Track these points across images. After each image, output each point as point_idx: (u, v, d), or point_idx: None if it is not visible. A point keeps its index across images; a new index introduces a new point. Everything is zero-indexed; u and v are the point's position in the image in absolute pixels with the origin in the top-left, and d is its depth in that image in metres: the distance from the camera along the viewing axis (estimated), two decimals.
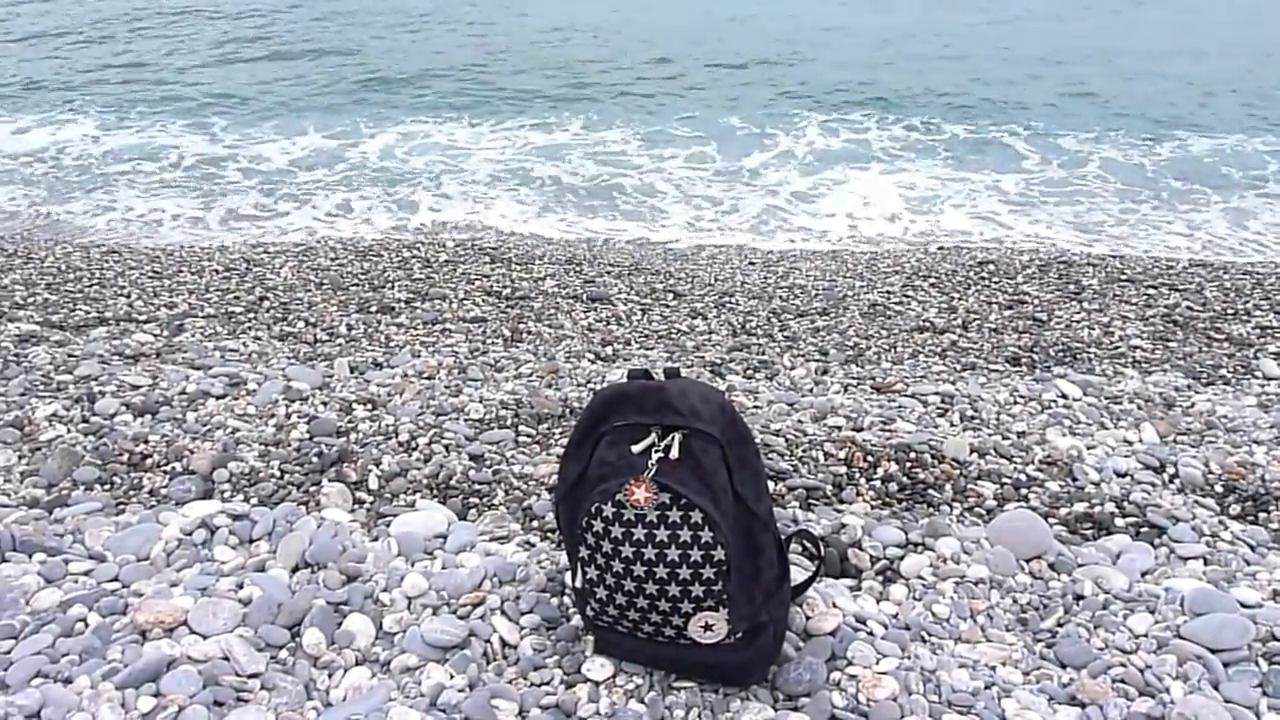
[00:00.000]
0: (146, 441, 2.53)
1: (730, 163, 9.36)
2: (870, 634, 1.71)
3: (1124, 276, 5.31)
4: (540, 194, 8.39)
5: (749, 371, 3.66)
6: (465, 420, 2.76)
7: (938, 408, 3.06)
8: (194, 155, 9.45)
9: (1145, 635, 1.73)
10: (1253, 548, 2.13)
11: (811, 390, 3.34)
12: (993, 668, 1.64)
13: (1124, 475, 2.50)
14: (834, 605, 1.79)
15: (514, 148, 9.83)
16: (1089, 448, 2.67)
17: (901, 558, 1.99)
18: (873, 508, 2.34)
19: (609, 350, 3.96)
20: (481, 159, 9.40)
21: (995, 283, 5.24)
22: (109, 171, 8.89)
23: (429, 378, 3.21)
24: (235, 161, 9.27)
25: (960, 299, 4.93)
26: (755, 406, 3.01)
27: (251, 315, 4.32)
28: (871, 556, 2.00)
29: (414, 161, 9.30)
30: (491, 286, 4.97)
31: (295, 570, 1.91)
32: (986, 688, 1.58)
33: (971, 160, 9.42)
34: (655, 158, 9.48)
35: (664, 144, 9.91)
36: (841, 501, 2.37)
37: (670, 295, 4.99)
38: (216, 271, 5.16)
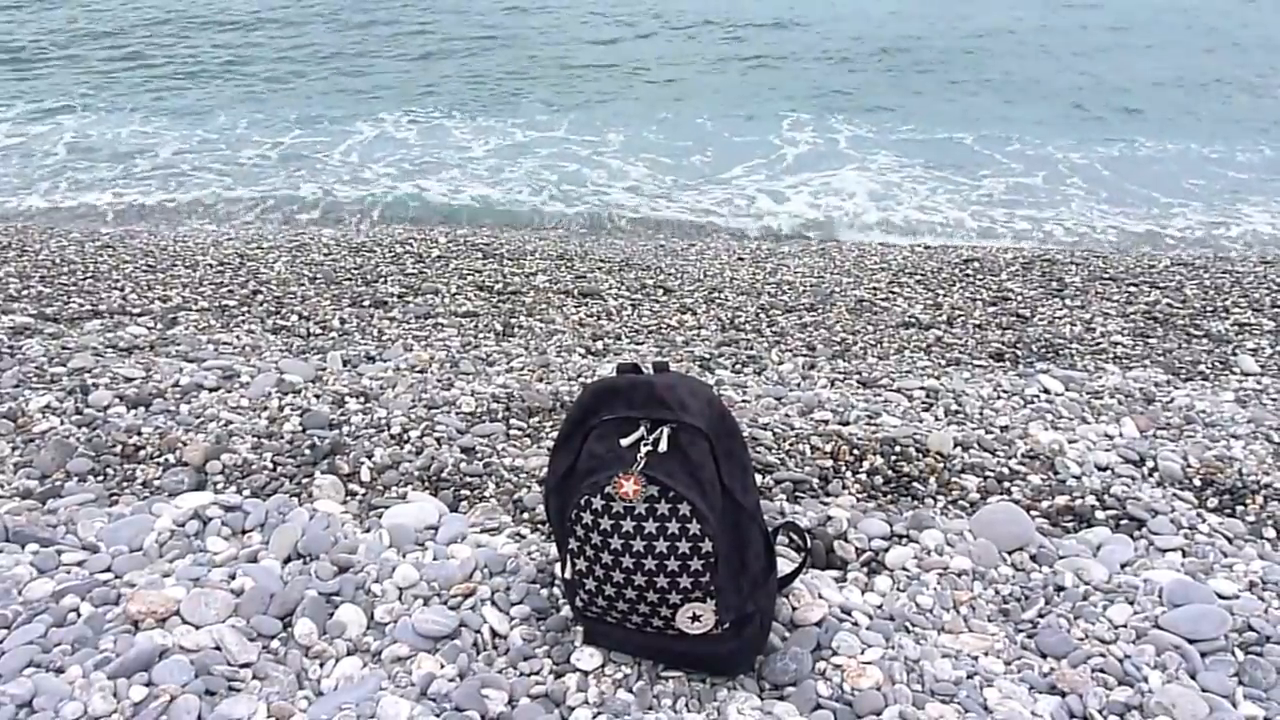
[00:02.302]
0: (140, 433, 2.54)
1: (706, 160, 9.33)
2: (855, 624, 1.74)
3: (1106, 274, 5.36)
4: (512, 193, 8.33)
5: (737, 366, 3.68)
6: (457, 413, 2.77)
7: (923, 402, 3.09)
8: (167, 148, 9.39)
9: (1124, 626, 1.76)
10: (1229, 540, 2.17)
11: (799, 385, 3.36)
12: (975, 658, 1.67)
13: (1104, 469, 2.54)
14: (820, 596, 1.82)
15: (491, 145, 9.78)
16: (1070, 442, 2.71)
17: (886, 550, 2.02)
18: (858, 500, 2.37)
19: (599, 345, 3.98)
20: (459, 157, 9.35)
21: (980, 280, 5.28)
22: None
23: (421, 371, 3.23)
24: (209, 155, 9.22)
25: (945, 296, 4.97)
26: (743, 401, 3.04)
27: (245, 309, 4.33)
28: (857, 548, 2.03)
29: (393, 158, 9.25)
30: (484, 281, 4.98)
31: (287, 561, 1.93)
32: (969, 677, 1.61)
33: (933, 160, 9.43)
34: (628, 155, 9.43)
35: (641, 140, 9.87)
36: (827, 494, 2.40)
37: (660, 290, 5.01)
38: (210, 265, 5.16)
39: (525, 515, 2.24)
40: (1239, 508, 2.39)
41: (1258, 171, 9.14)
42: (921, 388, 3.22)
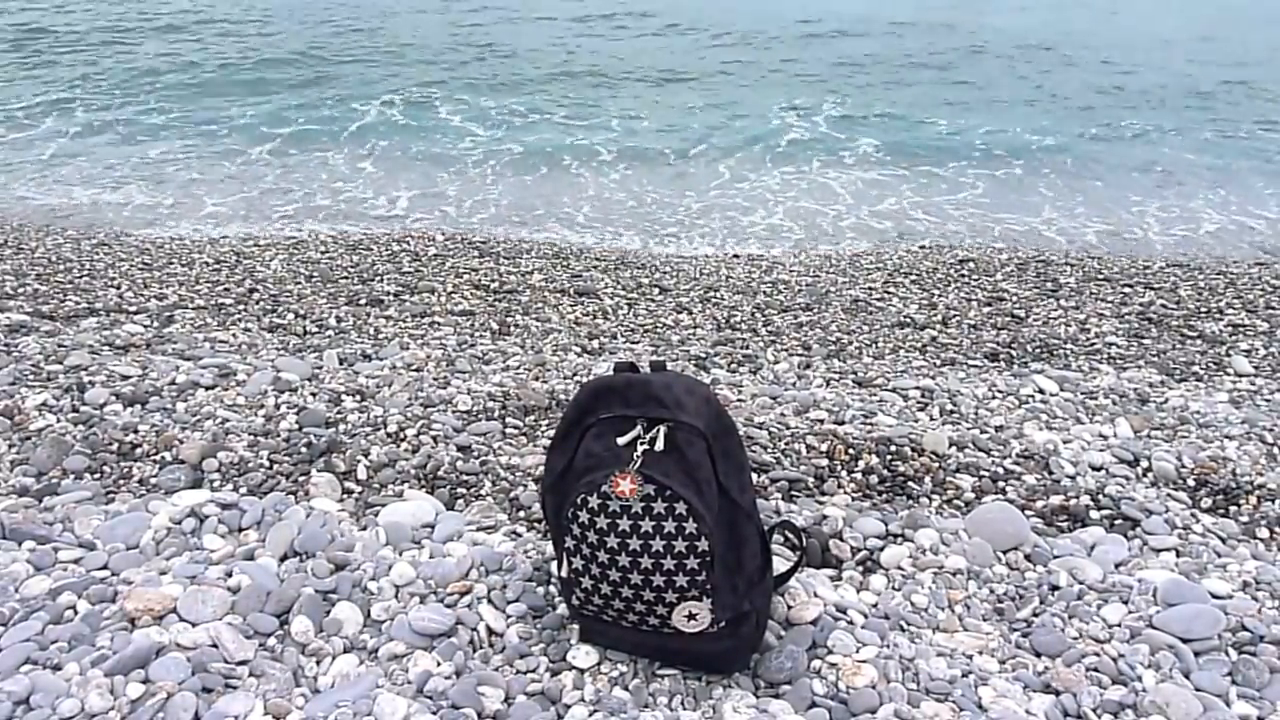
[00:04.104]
0: (136, 431, 2.54)
1: (685, 163, 9.33)
2: (850, 623, 1.75)
3: (1101, 275, 5.38)
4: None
5: (733, 365, 3.69)
6: (453, 412, 2.78)
7: (918, 402, 3.10)
8: (160, 140, 9.40)
9: (1119, 625, 1.77)
10: (1223, 540, 2.18)
11: (794, 384, 3.37)
12: (970, 656, 1.68)
13: (1099, 469, 2.55)
14: (815, 595, 1.82)
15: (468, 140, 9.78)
16: (1065, 442, 2.72)
17: (881, 549, 2.03)
18: (853, 499, 2.37)
19: (595, 343, 3.98)
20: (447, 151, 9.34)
21: (975, 280, 5.29)
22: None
23: (417, 370, 3.23)
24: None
25: (940, 296, 4.98)
26: (739, 400, 3.04)
27: (241, 307, 4.33)
28: (852, 547, 2.04)
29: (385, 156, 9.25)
30: (480, 280, 4.98)
31: (284, 559, 1.93)
32: (963, 676, 1.61)
33: (912, 159, 9.54)
34: (602, 155, 9.43)
35: (620, 143, 9.87)
36: (823, 493, 2.41)
37: (656, 290, 5.01)
38: (206, 264, 5.16)
39: (521, 513, 2.24)
40: (1233, 508, 2.40)
41: (1209, 157, 9.56)
42: (917, 387, 3.23)
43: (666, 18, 16.61)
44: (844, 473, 2.49)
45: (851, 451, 2.55)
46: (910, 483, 2.45)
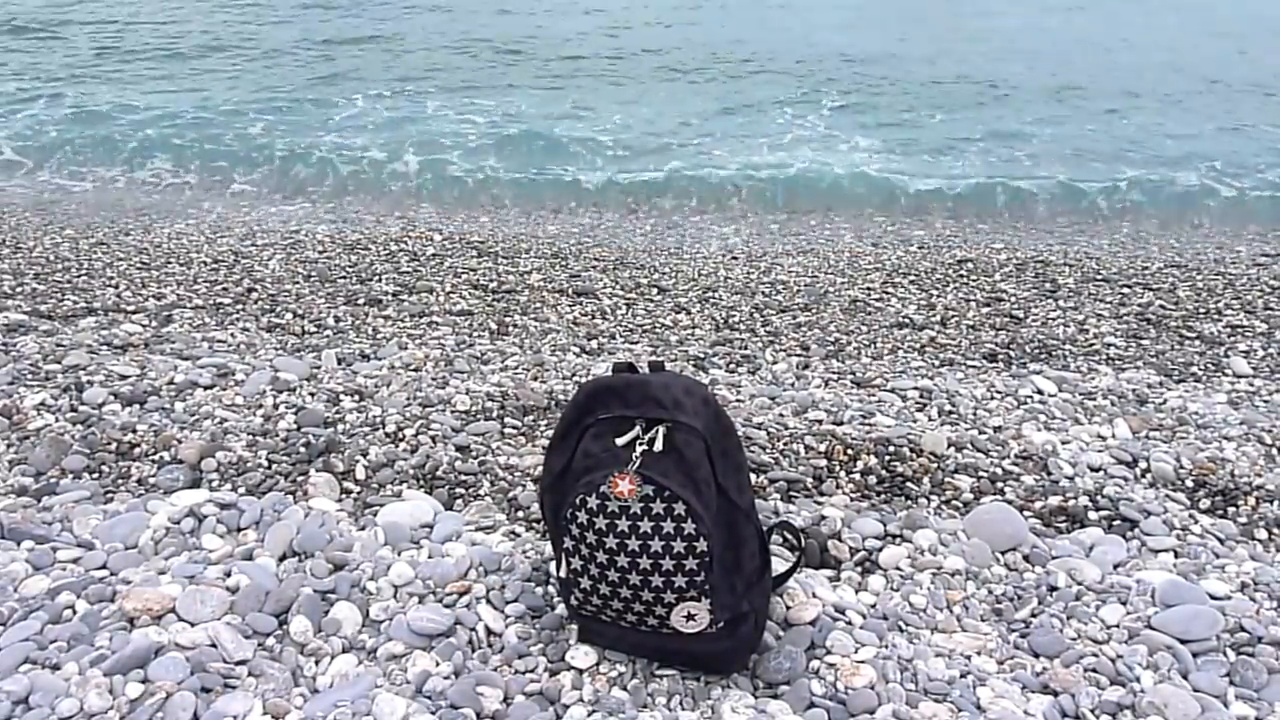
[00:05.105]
0: (134, 431, 2.54)
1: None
2: (849, 624, 1.75)
3: (1099, 276, 5.37)
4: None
5: (731, 365, 3.69)
6: (452, 412, 2.78)
7: (916, 403, 3.10)
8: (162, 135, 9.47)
9: (1117, 626, 1.77)
10: (1221, 541, 2.18)
11: (793, 384, 3.37)
12: (968, 657, 1.68)
13: (1097, 470, 2.55)
14: (814, 595, 1.82)
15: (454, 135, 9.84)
16: (1064, 443, 2.72)
17: (880, 549, 2.03)
18: (852, 500, 2.37)
19: (594, 344, 3.98)
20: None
21: (973, 281, 5.29)
22: None
23: (416, 370, 3.23)
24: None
25: (939, 296, 4.98)
26: (738, 400, 3.04)
27: (239, 306, 4.32)
28: (851, 548, 2.04)
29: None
30: (478, 280, 4.97)
31: (283, 559, 1.93)
32: (962, 676, 1.62)
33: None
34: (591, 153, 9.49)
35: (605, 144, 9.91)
36: (822, 494, 2.41)
37: (655, 290, 5.01)
38: (205, 263, 5.15)
39: (520, 514, 2.24)
40: (1231, 509, 2.40)
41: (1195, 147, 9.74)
42: (915, 388, 3.23)
43: (671, 39, 16.67)
44: (842, 473, 2.49)
45: (850, 452, 2.56)
46: (909, 483, 2.45)
